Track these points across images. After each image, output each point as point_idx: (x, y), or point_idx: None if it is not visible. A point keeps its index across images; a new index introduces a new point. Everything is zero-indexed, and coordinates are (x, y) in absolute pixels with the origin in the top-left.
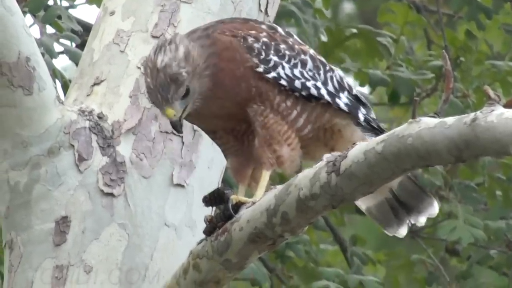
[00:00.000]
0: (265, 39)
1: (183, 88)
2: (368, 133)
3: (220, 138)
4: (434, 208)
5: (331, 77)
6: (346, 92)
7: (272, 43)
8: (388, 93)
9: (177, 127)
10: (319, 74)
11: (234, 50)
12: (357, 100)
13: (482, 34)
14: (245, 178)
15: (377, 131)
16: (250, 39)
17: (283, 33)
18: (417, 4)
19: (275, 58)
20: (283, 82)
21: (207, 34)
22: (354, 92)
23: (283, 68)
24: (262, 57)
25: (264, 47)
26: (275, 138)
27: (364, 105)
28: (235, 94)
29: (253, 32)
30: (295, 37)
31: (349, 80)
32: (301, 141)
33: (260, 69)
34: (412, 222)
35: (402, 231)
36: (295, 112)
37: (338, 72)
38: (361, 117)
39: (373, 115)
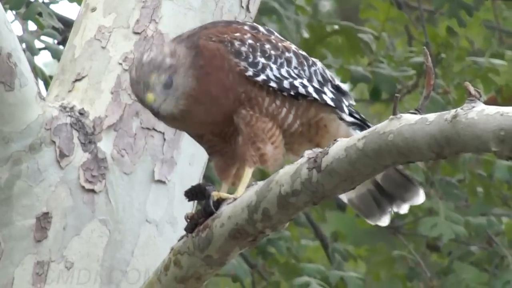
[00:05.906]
0: (250, 41)
1: (166, 76)
2: (352, 127)
3: (206, 141)
4: (420, 197)
5: (315, 71)
6: (329, 84)
7: (258, 44)
8: (369, 90)
9: (157, 113)
10: (304, 71)
11: (222, 58)
12: (338, 90)
13: (463, 30)
14: (229, 176)
15: (361, 122)
16: (236, 43)
17: (264, 31)
18: (399, 0)
19: (262, 60)
20: (272, 84)
21: (193, 42)
22: (336, 82)
23: (271, 69)
24: (250, 60)
25: (251, 50)
26: (259, 136)
27: (344, 94)
28: (220, 103)
29: (238, 35)
30: (276, 34)
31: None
32: (288, 138)
33: (250, 72)
34: (395, 210)
35: (385, 220)
36: (284, 110)
37: (319, 63)
38: (346, 110)
39: (353, 102)
